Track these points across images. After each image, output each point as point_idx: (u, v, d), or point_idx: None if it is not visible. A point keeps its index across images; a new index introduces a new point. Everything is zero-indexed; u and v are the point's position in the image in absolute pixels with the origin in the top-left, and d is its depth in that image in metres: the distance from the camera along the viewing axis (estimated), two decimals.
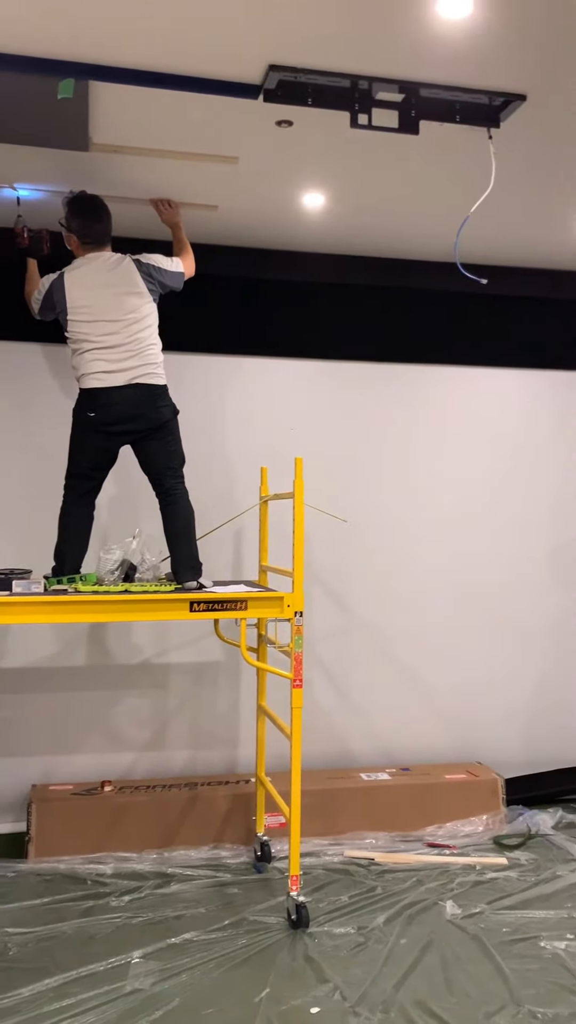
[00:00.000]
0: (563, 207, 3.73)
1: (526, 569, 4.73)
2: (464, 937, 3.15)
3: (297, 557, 3.30)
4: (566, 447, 4.79)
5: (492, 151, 2.93)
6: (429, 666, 4.59)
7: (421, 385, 4.61)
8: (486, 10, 2.27)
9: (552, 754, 4.75)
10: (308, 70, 2.59)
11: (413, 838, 4.05)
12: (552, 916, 3.31)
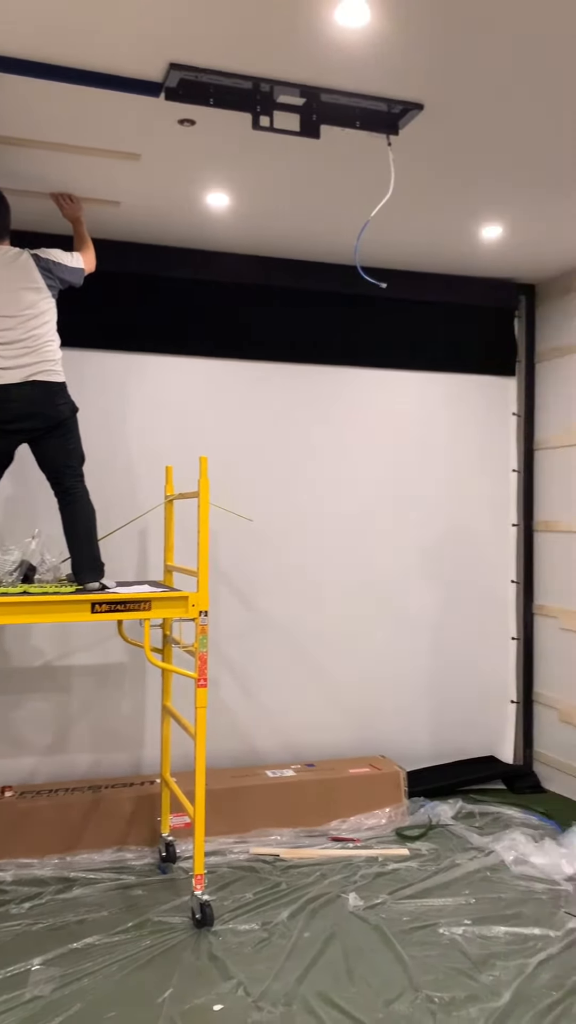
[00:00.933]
0: (460, 214, 3.84)
1: (422, 564, 4.85)
2: (366, 928, 3.21)
3: (202, 556, 3.30)
4: (457, 447, 4.93)
5: (391, 158, 3.00)
6: (334, 662, 4.66)
7: (324, 385, 4.67)
8: (384, 20, 2.32)
9: (454, 745, 4.89)
10: (209, 70, 2.60)
11: (318, 833, 4.10)
12: (451, 903, 3.40)
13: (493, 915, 3.30)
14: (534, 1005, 2.70)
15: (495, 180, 3.43)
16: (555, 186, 3.49)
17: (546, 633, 4.93)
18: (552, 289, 4.87)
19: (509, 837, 3.94)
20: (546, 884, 3.57)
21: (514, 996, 2.75)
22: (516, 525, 5.06)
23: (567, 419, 4.75)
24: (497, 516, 5.05)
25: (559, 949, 3.05)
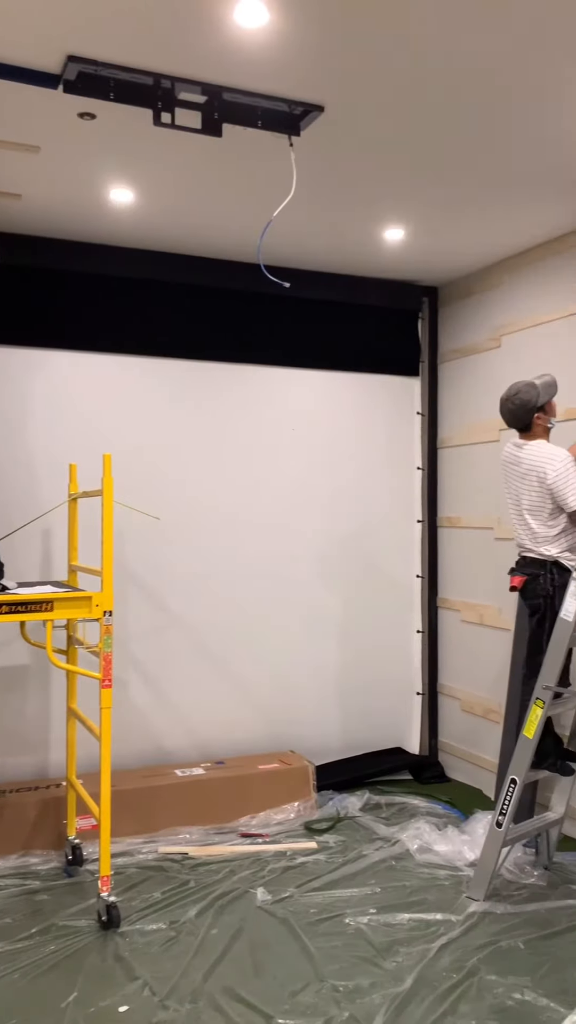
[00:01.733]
0: (364, 216, 3.90)
1: (331, 560, 4.92)
2: (273, 921, 3.24)
3: (106, 556, 3.26)
4: (364, 445, 5.01)
5: (293, 158, 3.03)
6: (245, 660, 4.68)
7: (233, 384, 4.68)
8: (283, 22, 2.34)
9: (363, 738, 4.97)
10: (109, 64, 2.57)
11: (228, 829, 4.11)
12: (356, 894, 3.47)
13: (397, 903, 3.38)
14: (435, 988, 2.78)
15: (396, 184, 3.51)
16: (455, 192, 3.58)
17: (449, 626, 5.06)
18: (453, 292, 5.00)
19: (414, 827, 4.04)
20: (449, 871, 3.67)
21: (416, 981, 2.82)
22: (421, 521, 5.18)
23: (468, 418, 4.89)
24: (403, 512, 5.16)
25: (460, 933, 3.15)
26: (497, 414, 4.56)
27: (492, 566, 4.59)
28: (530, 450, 3.50)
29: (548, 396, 3.52)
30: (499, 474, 4.44)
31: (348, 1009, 2.67)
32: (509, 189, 3.55)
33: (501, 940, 3.09)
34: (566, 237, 4.12)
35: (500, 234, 4.14)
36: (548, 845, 3.69)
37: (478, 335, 4.80)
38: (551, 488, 3.40)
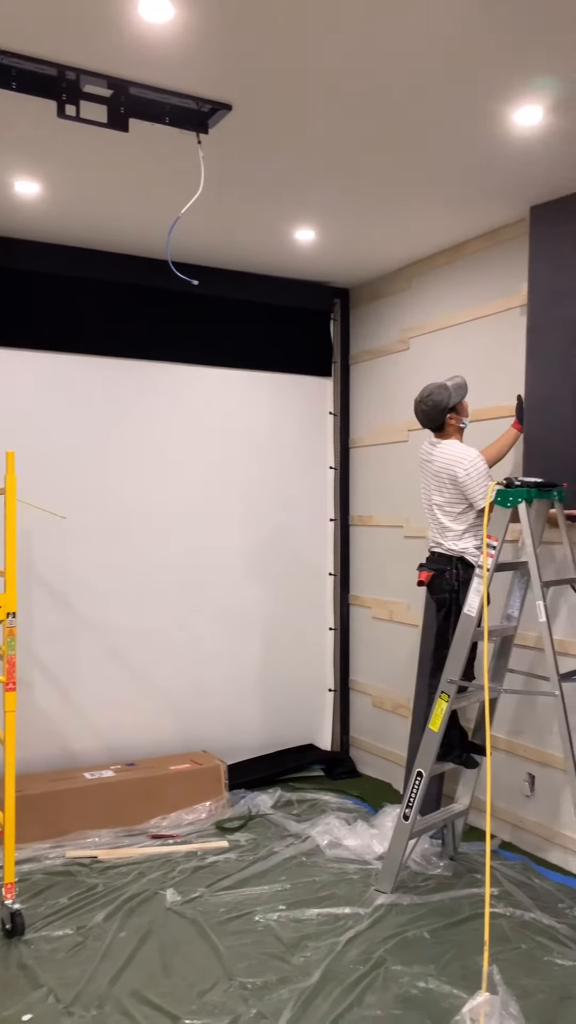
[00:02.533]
0: (274, 217, 3.91)
1: (245, 559, 4.92)
2: (183, 922, 3.22)
3: (9, 556, 3.19)
4: (278, 445, 5.04)
5: (201, 156, 3.02)
6: (157, 661, 4.64)
7: (146, 382, 4.63)
8: (188, 19, 2.33)
9: (277, 736, 4.99)
10: (11, 53, 2.51)
11: (138, 831, 4.07)
12: (267, 891, 3.48)
13: (307, 898, 3.41)
14: (342, 981, 2.82)
15: (306, 186, 3.53)
16: (363, 195, 3.63)
17: (361, 622, 5.13)
18: (364, 294, 5.07)
19: (324, 822, 4.08)
20: (358, 864, 3.72)
21: (324, 974, 2.85)
22: (334, 520, 5.24)
23: (379, 419, 4.96)
24: (316, 511, 5.21)
25: (367, 925, 3.19)
26: (406, 415, 4.67)
27: (402, 563, 4.67)
28: (443, 449, 3.58)
29: (459, 397, 3.61)
30: (408, 473, 4.54)
31: (256, 1006, 2.68)
32: (415, 196, 3.62)
33: (407, 930, 3.15)
34: (467, 244, 4.23)
35: (407, 239, 4.22)
36: (454, 836, 3.78)
37: (388, 337, 4.88)
38: (461, 487, 3.48)
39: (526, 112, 2.85)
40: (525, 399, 3.75)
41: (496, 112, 2.85)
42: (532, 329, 3.74)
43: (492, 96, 2.74)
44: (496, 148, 3.13)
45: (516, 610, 3.67)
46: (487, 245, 4.11)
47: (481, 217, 3.89)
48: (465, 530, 3.55)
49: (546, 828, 3.82)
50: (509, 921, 3.21)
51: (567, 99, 2.76)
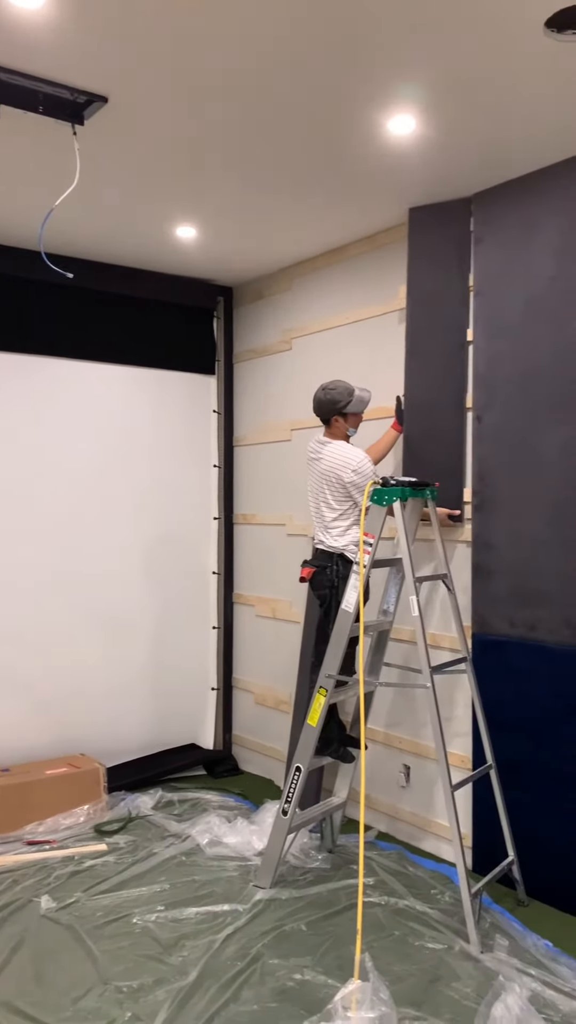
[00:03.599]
0: (153, 212, 3.87)
1: (128, 559, 4.86)
2: (58, 929, 3.16)
3: None
4: (161, 443, 4.99)
5: (76, 147, 2.96)
6: (32, 663, 4.51)
7: (20, 377, 4.49)
8: (60, 7, 2.28)
9: (160, 737, 4.95)
10: None
11: (12, 839, 3.96)
12: (145, 892, 3.45)
13: (186, 898, 3.40)
14: (219, 978, 2.82)
15: (185, 182, 3.51)
16: (244, 194, 3.64)
17: (244, 620, 5.15)
18: (247, 293, 5.09)
19: (205, 821, 4.07)
20: (238, 861, 3.73)
21: (201, 972, 2.85)
22: (217, 518, 5.23)
23: (262, 417, 4.99)
24: (200, 510, 5.19)
25: (246, 921, 3.21)
26: (290, 414, 4.72)
27: (285, 561, 4.72)
28: (332, 450, 3.63)
29: (356, 408, 3.66)
30: (292, 472, 4.58)
31: (131, 1009, 2.65)
32: (296, 198, 3.66)
33: (285, 924, 3.18)
34: (348, 247, 4.31)
35: (288, 240, 4.27)
36: (332, 829, 3.85)
37: (270, 336, 4.91)
38: (349, 487, 3.54)
39: (399, 121, 2.92)
40: (404, 401, 3.85)
41: (370, 120, 2.92)
42: (411, 332, 3.85)
43: (366, 103, 2.80)
44: (374, 154, 3.21)
45: (392, 605, 3.76)
46: (368, 248, 4.20)
47: (361, 220, 3.97)
48: (348, 528, 3.61)
49: (420, 818, 3.93)
50: (384, 909, 3.29)
51: (437, 110, 2.85)
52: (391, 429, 3.91)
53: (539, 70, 2.59)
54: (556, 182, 3.31)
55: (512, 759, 3.45)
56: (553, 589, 3.33)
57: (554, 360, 3.33)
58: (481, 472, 3.60)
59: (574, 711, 3.26)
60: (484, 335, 3.59)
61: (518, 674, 3.45)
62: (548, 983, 2.77)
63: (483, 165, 3.34)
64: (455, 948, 3.00)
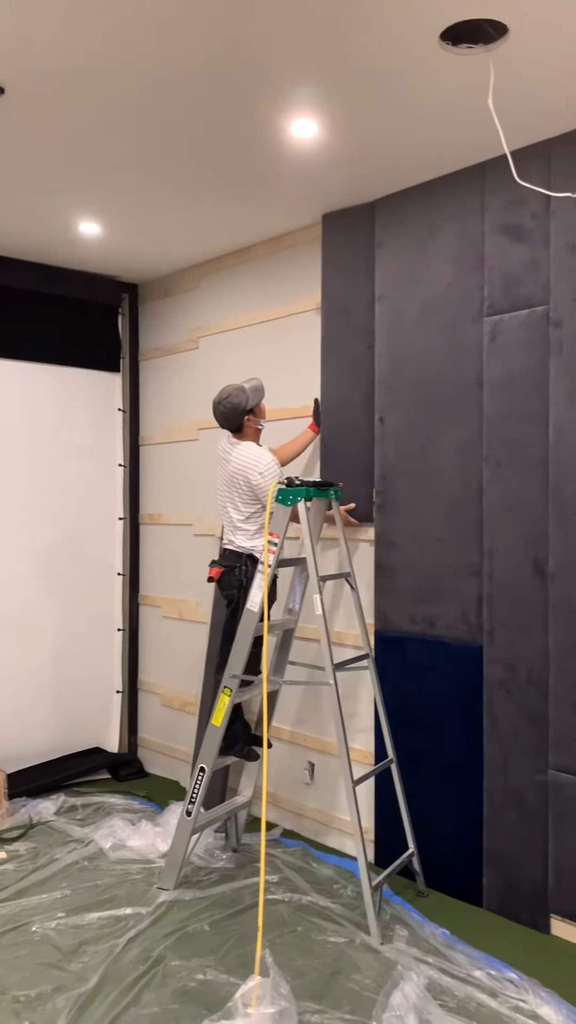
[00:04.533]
0: (54, 207, 3.80)
1: (32, 561, 4.75)
2: None
3: None
4: (65, 442, 4.90)
5: None
6: None
7: None
8: None
9: (65, 741, 4.86)
10: None
11: None
12: (46, 899, 3.38)
13: (88, 903, 3.35)
14: (120, 982, 2.79)
15: (87, 178, 3.46)
16: (148, 192, 3.62)
17: (150, 622, 5.11)
18: (153, 291, 5.05)
19: (108, 824, 4.02)
20: (142, 864, 3.70)
21: (102, 978, 2.82)
22: (123, 518, 5.17)
23: (169, 416, 4.96)
24: (105, 510, 5.12)
25: (148, 924, 3.18)
26: (197, 413, 4.71)
27: (192, 561, 4.70)
28: (241, 451, 3.63)
29: (256, 399, 3.67)
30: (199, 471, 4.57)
31: (28, 1018, 2.60)
32: (201, 197, 3.66)
33: (188, 925, 3.17)
34: (253, 248, 4.33)
35: (195, 239, 4.26)
36: (236, 828, 3.86)
37: (177, 335, 4.88)
38: (256, 490, 3.55)
39: (301, 125, 2.96)
40: (321, 402, 3.90)
41: (271, 122, 2.94)
42: (326, 335, 3.89)
43: (265, 105, 2.82)
44: (279, 157, 3.23)
45: (297, 604, 3.80)
46: (279, 248, 4.21)
47: (271, 222, 3.99)
48: (257, 530, 3.62)
49: (325, 814, 3.98)
50: (287, 906, 3.31)
51: (336, 115, 2.89)
52: (308, 430, 3.95)
53: (434, 81, 2.66)
54: (453, 190, 3.40)
55: (413, 753, 3.53)
56: (450, 586, 3.43)
57: (450, 364, 3.42)
58: (384, 472, 3.68)
59: (470, 704, 3.35)
60: (386, 339, 3.66)
61: (418, 670, 3.54)
62: (445, 970, 2.85)
63: (384, 172, 3.41)
64: (356, 941, 3.05)
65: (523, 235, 3.19)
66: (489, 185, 3.28)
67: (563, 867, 3.10)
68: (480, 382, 3.33)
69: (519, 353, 3.21)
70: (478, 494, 3.34)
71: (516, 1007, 2.66)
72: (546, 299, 3.12)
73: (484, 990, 2.74)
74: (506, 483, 3.25)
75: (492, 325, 3.29)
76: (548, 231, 3.11)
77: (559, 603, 3.09)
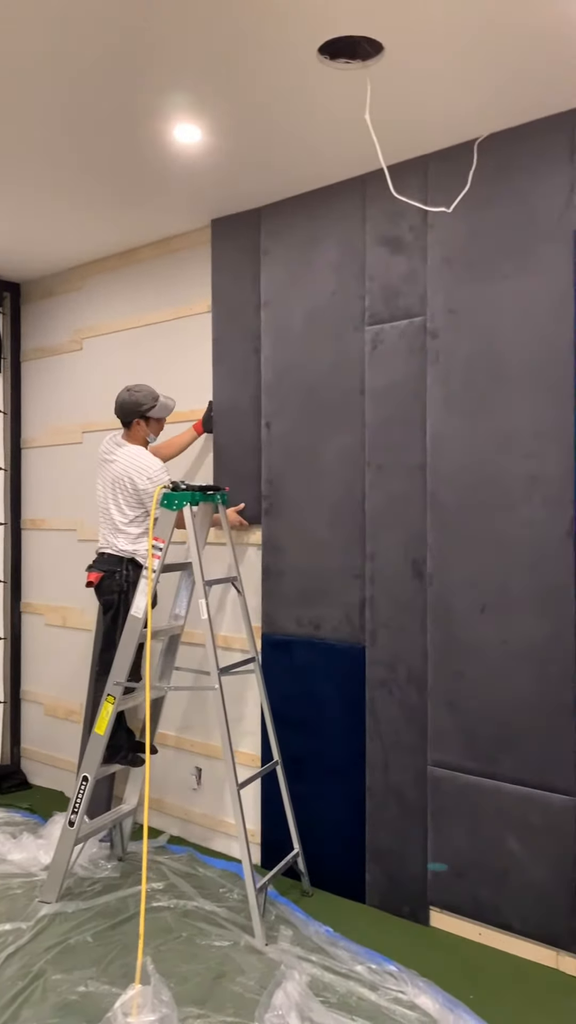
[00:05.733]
0: None
1: None
2: None
3: None
4: None
5: None
6: None
7: None
8: None
9: None
10: None
11: None
12: None
13: None
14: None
15: None
16: (29, 189, 3.54)
17: (33, 630, 4.98)
18: (36, 290, 4.94)
19: None
20: (23, 878, 3.60)
21: None
22: (4, 524, 5.03)
23: (52, 419, 4.85)
24: None
25: (29, 939, 3.10)
26: (81, 416, 4.64)
27: (76, 567, 4.60)
28: (127, 453, 3.59)
29: (159, 414, 3.65)
30: (83, 475, 4.49)
31: None
32: (85, 196, 3.60)
33: (71, 937, 3.11)
34: (141, 249, 4.30)
35: (78, 240, 4.19)
36: (122, 837, 3.80)
37: (60, 336, 4.79)
38: (142, 494, 3.51)
39: (184, 130, 2.96)
40: (214, 405, 3.89)
41: (154, 127, 2.93)
42: (217, 338, 3.89)
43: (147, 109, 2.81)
44: (166, 160, 3.22)
45: (183, 609, 3.78)
46: (170, 251, 4.18)
47: (160, 224, 3.97)
48: (141, 533, 3.59)
49: (212, 818, 3.98)
50: (172, 912, 3.29)
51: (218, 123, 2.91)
52: (191, 429, 3.94)
53: (314, 94, 2.71)
54: (336, 201, 3.47)
55: (298, 754, 3.57)
56: (335, 588, 3.49)
57: (334, 371, 3.49)
58: (270, 477, 3.71)
59: (353, 704, 3.42)
60: (272, 345, 3.70)
61: (304, 671, 3.58)
62: (327, 967, 2.89)
63: (268, 180, 3.44)
64: (241, 943, 3.06)
65: (402, 247, 3.29)
66: (370, 197, 3.37)
67: (441, 860, 3.20)
68: (363, 390, 3.41)
69: (399, 362, 3.30)
70: (361, 499, 3.41)
71: (395, 999, 2.73)
72: (423, 310, 3.23)
73: (365, 984, 2.80)
74: (387, 488, 3.34)
75: (373, 334, 3.37)
76: (425, 244, 3.22)
77: (436, 603, 3.20)
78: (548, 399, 2.92)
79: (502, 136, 3.01)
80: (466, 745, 3.12)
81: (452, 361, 3.15)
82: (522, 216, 2.98)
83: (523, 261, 2.98)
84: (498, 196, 3.03)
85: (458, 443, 3.14)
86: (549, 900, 2.94)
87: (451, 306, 3.15)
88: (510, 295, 3.01)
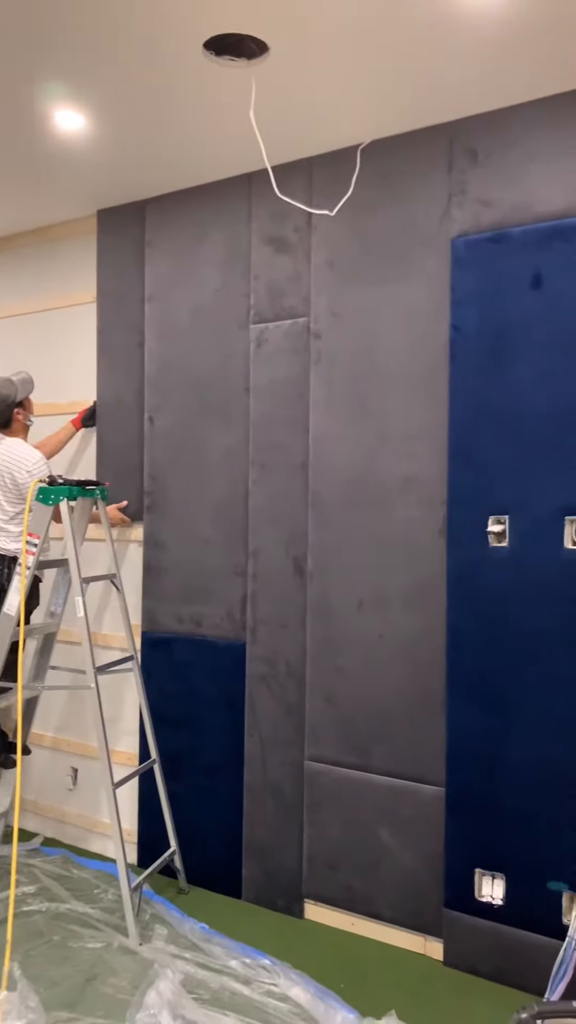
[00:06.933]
0: None
1: None
2: None
3: None
4: None
5: None
6: None
7: None
8: None
9: None
10: None
11: None
12: None
13: None
14: None
15: None
16: None
17: None
18: None
19: None
20: None
21: None
22: None
23: None
24: None
25: None
26: None
27: None
28: (6, 448, 3.48)
29: (25, 392, 3.55)
30: None
31: None
32: None
33: None
34: (19, 236, 4.18)
35: None
36: None
37: None
38: (22, 488, 3.41)
39: (66, 116, 2.89)
40: (98, 398, 3.82)
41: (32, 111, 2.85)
42: (101, 330, 3.82)
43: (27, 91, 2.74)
44: (48, 146, 3.13)
45: (59, 607, 3.70)
46: (52, 239, 4.06)
47: (43, 211, 3.86)
48: (22, 531, 3.48)
49: (87, 819, 3.91)
50: (44, 916, 3.22)
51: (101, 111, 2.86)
52: (69, 424, 3.86)
53: (199, 89, 2.70)
54: (222, 198, 3.47)
55: (176, 752, 3.55)
56: (217, 586, 3.49)
57: (219, 368, 3.49)
58: (153, 473, 3.67)
59: (233, 701, 3.43)
60: (156, 339, 3.67)
61: (184, 669, 3.57)
62: (201, 963, 2.89)
63: (152, 172, 3.41)
64: (115, 944, 3.02)
65: (286, 248, 3.32)
66: (256, 196, 3.38)
67: (315, 853, 3.25)
68: (247, 387, 3.42)
69: (283, 361, 3.33)
70: (244, 496, 3.42)
71: (268, 991, 2.75)
72: (307, 311, 3.27)
73: (239, 979, 2.81)
74: (270, 486, 3.36)
75: (258, 333, 3.39)
76: (310, 246, 3.26)
77: (315, 600, 3.24)
78: (424, 402, 3.01)
79: (385, 143, 3.08)
80: (342, 739, 3.18)
81: (334, 362, 3.20)
82: (403, 223, 3.05)
83: (403, 266, 3.05)
84: (380, 202, 3.10)
85: (339, 443, 3.19)
86: (418, 888, 3.03)
87: (334, 308, 3.20)
88: (390, 299, 3.08)
